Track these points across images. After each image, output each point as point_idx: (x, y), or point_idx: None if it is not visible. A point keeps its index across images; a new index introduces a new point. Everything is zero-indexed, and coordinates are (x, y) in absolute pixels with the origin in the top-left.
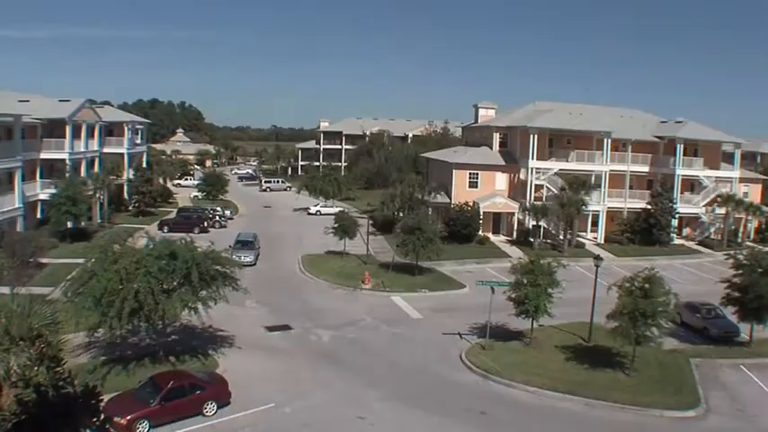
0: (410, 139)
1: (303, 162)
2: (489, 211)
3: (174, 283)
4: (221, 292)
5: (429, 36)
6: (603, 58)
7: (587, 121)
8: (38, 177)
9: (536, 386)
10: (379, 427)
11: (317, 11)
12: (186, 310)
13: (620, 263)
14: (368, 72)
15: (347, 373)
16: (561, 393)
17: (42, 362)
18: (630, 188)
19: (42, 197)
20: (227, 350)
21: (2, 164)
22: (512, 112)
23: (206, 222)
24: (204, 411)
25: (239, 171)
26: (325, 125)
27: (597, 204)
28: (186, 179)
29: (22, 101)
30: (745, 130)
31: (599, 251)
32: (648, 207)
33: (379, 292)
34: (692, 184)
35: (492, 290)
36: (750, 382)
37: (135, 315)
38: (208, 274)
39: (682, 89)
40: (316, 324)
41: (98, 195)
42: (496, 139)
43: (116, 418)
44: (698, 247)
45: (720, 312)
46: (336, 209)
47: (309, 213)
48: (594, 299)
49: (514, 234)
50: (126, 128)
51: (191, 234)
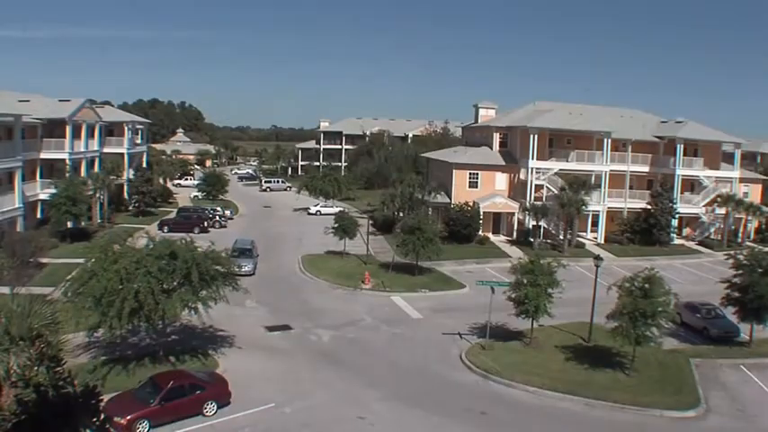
0: (410, 139)
1: (303, 162)
2: (489, 211)
3: (174, 283)
4: (221, 292)
5: (429, 36)
6: (603, 58)
7: (587, 121)
8: (38, 177)
9: (536, 386)
10: (379, 427)
11: (317, 11)
12: (186, 310)
13: (620, 263)
14: (368, 72)
15: (347, 373)
16: (561, 393)
17: (42, 362)
18: (630, 188)
19: (42, 197)
20: (227, 350)
21: (2, 164)
22: (512, 112)
23: (206, 222)
24: (204, 411)
25: (239, 171)
26: (325, 125)
27: (597, 204)
28: (186, 179)
29: (22, 101)
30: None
31: (599, 251)
32: (648, 207)
33: (379, 292)
34: (692, 184)
35: (492, 290)
36: (750, 382)
37: (135, 315)
38: (208, 274)
39: (682, 89)
40: (316, 324)
41: (98, 195)
42: (496, 139)
43: (116, 418)
44: (698, 248)
45: (720, 312)
46: (336, 209)
47: (309, 213)
48: (594, 299)
49: (514, 234)
50: (126, 128)
51: (191, 234)
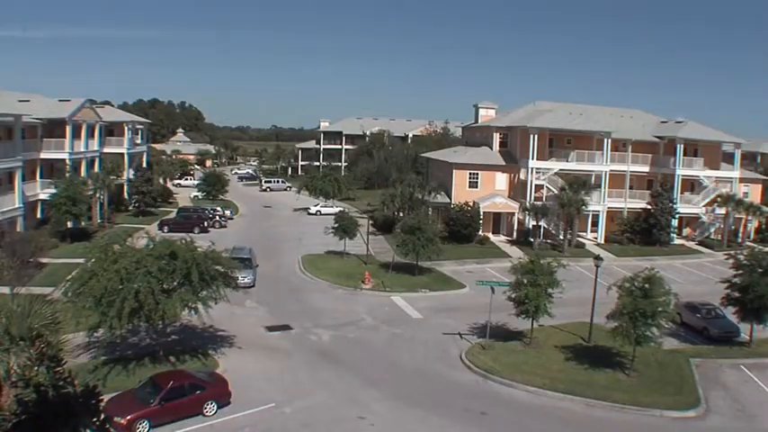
0: (410, 139)
1: (303, 162)
2: (489, 211)
3: (174, 283)
4: (221, 291)
5: (429, 36)
6: (603, 58)
7: (587, 121)
8: (38, 177)
9: (536, 386)
10: (379, 427)
11: (317, 11)
12: (186, 310)
13: (620, 263)
14: (368, 72)
15: (347, 372)
16: (561, 393)
17: (42, 362)
18: (630, 188)
19: (42, 197)
20: (227, 350)
21: (2, 164)
22: (512, 112)
23: (206, 222)
24: (204, 411)
25: (239, 171)
26: (325, 125)
27: (597, 204)
28: (186, 179)
29: (22, 101)
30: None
31: (599, 251)
32: (648, 207)
33: (379, 292)
34: (692, 184)
35: (492, 290)
36: (750, 383)
37: (135, 315)
38: (208, 274)
39: (682, 89)
40: (316, 324)
41: (98, 195)
42: (496, 139)
43: (116, 418)
44: (698, 248)
45: (720, 312)
46: (336, 209)
47: (309, 213)
48: (594, 299)
49: (514, 234)
50: (126, 128)
51: (191, 234)
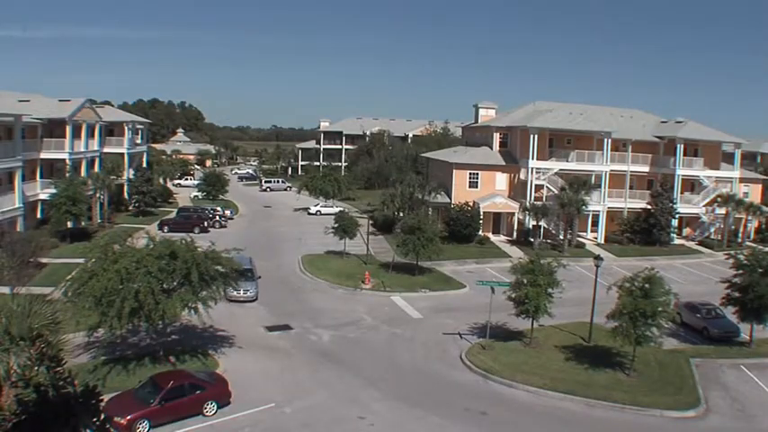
0: (410, 139)
1: (303, 162)
2: (489, 211)
3: (175, 283)
4: (221, 291)
5: (429, 36)
6: (604, 57)
7: (587, 121)
8: (38, 177)
9: (536, 386)
10: (379, 427)
11: (316, 11)
12: (186, 310)
13: (620, 263)
14: (368, 72)
15: (347, 372)
16: (561, 393)
17: (42, 362)
18: (631, 188)
19: (42, 197)
20: (227, 350)
21: (2, 164)
22: (512, 112)
23: (206, 222)
24: (204, 411)
25: (239, 171)
26: (325, 125)
27: (597, 204)
28: (186, 179)
29: (22, 101)
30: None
31: (599, 251)
32: (648, 207)
33: (379, 292)
34: (692, 184)
35: (492, 290)
36: (750, 382)
37: (135, 315)
38: (208, 274)
39: (682, 89)
40: (316, 324)
41: (98, 195)
42: (496, 139)
43: (116, 418)
44: (698, 247)
45: (720, 312)
46: (336, 209)
47: (309, 213)
48: (594, 299)
49: (514, 234)
50: (126, 128)
51: (191, 234)
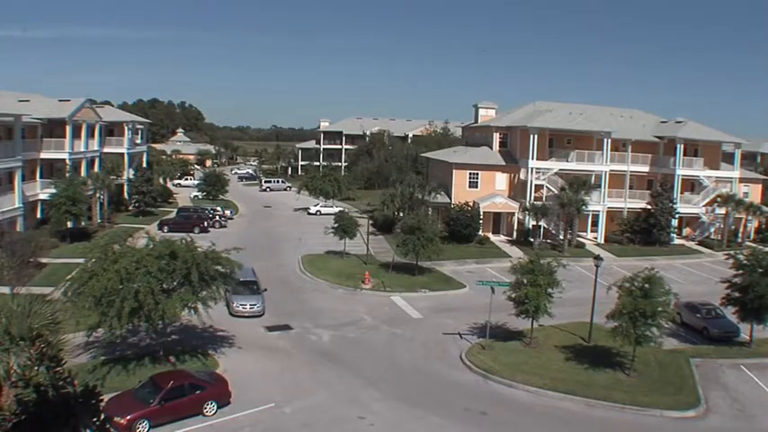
0: (410, 139)
1: (303, 162)
2: (489, 211)
3: (174, 283)
4: (221, 291)
5: (429, 36)
6: (604, 57)
7: (587, 121)
8: (38, 177)
9: (536, 386)
10: (379, 427)
11: (316, 11)
12: (186, 310)
13: (620, 263)
14: (368, 72)
15: (347, 372)
16: (561, 393)
17: (42, 362)
18: (630, 188)
19: (42, 197)
20: (227, 350)
21: (2, 164)
22: (512, 112)
23: (206, 222)
24: (204, 411)
25: (239, 171)
26: (325, 125)
27: (597, 204)
28: (186, 179)
29: (22, 101)
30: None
31: (599, 251)
32: (648, 207)
33: (379, 292)
34: (692, 184)
35: (492, 290)
36: (750, 382)
37: (135, 315)
38: (208, 274)
39: (682, 89)
40: (316, 324)
41: (98, 195)
42: (496, 139)
43: (116, 418)
44: (698, 247)
45: (720, 312)
46: (336, 209)
47: (309, 213)
48: (594, 299)
49: (514, 234)
50: (126, 128)
51: (191, 234)
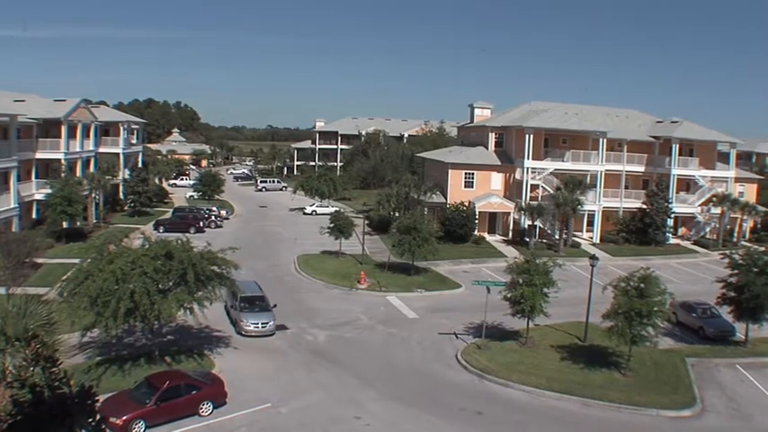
0: (406, 139)
1: (299, 162)
2: (485, 211)
3: (170, 284)
4: (217, 292)
5: (424, 36)
6: (599, 57)
7: (583, 121)
8: (33, 177)
9: (532, 386)
10: (375, 427)
11: (312, 11)
12: (182, 311)
13: (615, 262)
14: (363, 72)
15: (343, 372)
16: (557, 393)
17: (38, 362)
18: (626, 188)
19: (38, 197)
20: (222, 350)
21: None
22: (507, 111)
23: (202, 222)
24: (200, 411)
25: (235, 171)
26: (320, 125)
27: (593, 204)
28: (182, 179)
29: (17, 100)
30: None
31: (595, 251)
32: (644, 207)
33: (374, 292)
34: (687, 184)
35: (488, 290)
36: (746, 382)
37: (131, 315)
38: (204, 275)
39: (677, 89)
40: (311, 324)
41: (94, 195)
42: (492, 138)
43: (112, 419)
44: (693, 247)
45: (716, 312)
46: (332, 209)
47: (305, 213)
48: (590, 298)
49: (510, 234)
50: (122, 128)
51: (186, 234)
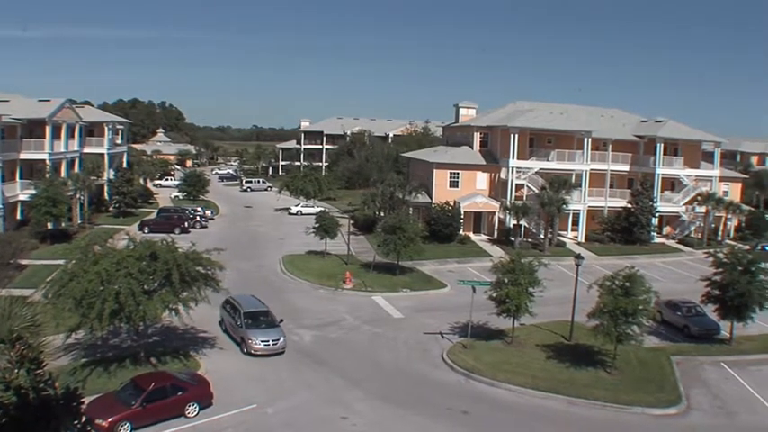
0: (391, 139)
1: (284, 162)
2: (470, 211)
3: (155, 285)
4: (202, 293)
5: (410, 36)
6: (585, 58)
7: (568, 121)
8: (18, 178)
9: (518, 385)
10: (362, 427)
11: (298, 11)
12: (167, 312)
13: (600, 261)
14: (348, 72)
15: (329, 373)
16: (543, 392)
17: (23, 364)
18: (611, 187)
19: (22, 198)
20: (208, 351)
21: None
22: (492, 111)
23: (187, 223)
24: (186, 413)
25: (220, 171)
26: (305, 125)
27: (578, 203)
28: (167, 179)
29: (1, 101)
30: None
31: (580, 250)
32: (629, 206)
33: (360, 292)
34: (672, 183)
35: (473, 289)
36: (731, 380)
37: (116, 316)
38: (189, 275)
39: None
40: (297, 324)
41: (78, 196)
42: (477, 138)
43: (97, 421)
44: (678, 246)
45: (701, 310)
46: (317, 209)
47: (290, 213)
48: (575, 297)
49: (495, 233)
50: (106, 128)
51: (171, 235)
